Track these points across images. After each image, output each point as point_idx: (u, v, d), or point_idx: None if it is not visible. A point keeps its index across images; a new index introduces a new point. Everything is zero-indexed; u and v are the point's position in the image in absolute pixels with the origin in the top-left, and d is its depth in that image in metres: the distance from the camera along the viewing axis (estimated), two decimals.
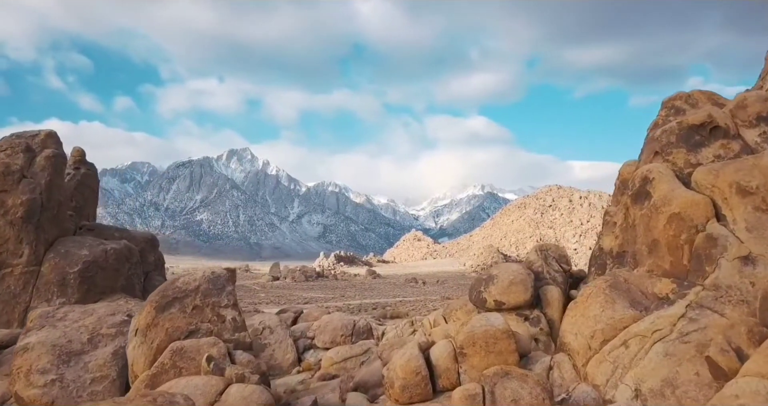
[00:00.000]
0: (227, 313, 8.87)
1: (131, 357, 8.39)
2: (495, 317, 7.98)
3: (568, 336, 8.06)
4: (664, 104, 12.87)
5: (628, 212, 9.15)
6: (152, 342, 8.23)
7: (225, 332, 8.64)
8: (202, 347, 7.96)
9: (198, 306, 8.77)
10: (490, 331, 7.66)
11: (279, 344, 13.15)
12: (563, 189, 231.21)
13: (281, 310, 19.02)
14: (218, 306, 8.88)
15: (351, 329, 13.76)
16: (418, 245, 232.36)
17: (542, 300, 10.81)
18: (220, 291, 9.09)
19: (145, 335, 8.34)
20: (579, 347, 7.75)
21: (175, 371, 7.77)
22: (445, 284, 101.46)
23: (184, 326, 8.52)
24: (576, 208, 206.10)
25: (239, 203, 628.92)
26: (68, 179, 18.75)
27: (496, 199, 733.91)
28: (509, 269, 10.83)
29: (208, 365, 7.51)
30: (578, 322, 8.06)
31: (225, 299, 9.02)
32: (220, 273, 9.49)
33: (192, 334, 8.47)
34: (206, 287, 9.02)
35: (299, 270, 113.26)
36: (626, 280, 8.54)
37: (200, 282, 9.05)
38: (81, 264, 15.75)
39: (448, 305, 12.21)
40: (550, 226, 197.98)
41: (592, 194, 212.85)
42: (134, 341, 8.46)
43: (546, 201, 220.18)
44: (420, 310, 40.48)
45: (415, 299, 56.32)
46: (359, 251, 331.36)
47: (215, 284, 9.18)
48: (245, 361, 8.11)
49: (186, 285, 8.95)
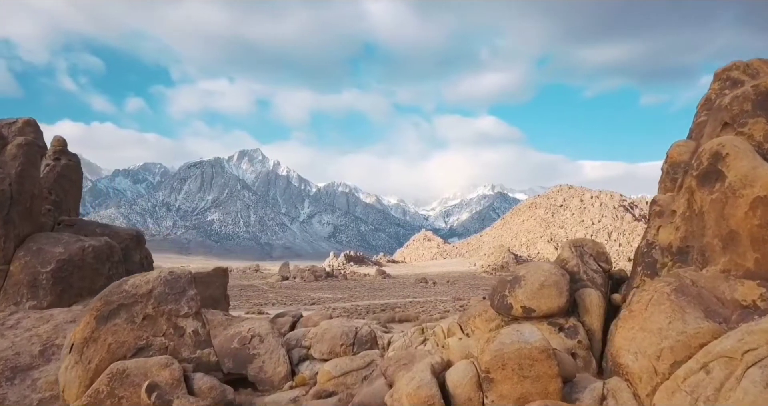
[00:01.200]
0: (187, 324, 7.16)
1: (62, 381, 6.71)
2: (530, 330, 6.19)
3: (624, 356, 6.26)
4: (717, 76, 11.00)
5: (693, 197, 7.35)
6: (89, 362, 6.54)
7: (184, 349, 6.94)
8: (151, 370, 6.26)
9: (150, 315, 7.06)
10: (525, 349, 5.88)
11: (269, 355, 11.43)
12: (574, 189, 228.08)
13: (279, 313, 17.31)
14: (176, 315, 7.17)
15: (352, 338, 11.99)
16: (428, 245, 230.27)
17: (579, 306, 8.99)
18: (179, 296, 7.35)
19: (81, 353, 6.65)
20: (641, 371, 5.95)
21: (113, 401, 6.08)
22: (455, 284, 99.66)
23: (132, 341, 6.82)
24: (587, 207, 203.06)
25: (250, 203, 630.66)
26: (47, 171, 17.21)
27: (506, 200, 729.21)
28: (539, 268, 9.02)
29: (148, 397, 5.84)
30: (637, 337, 6.26)
31: (185, 306, 7.29)
32: (181, 274, 7.75)
33: (141, 351, 6.78)
34: (162, 291, 7.28)
35: (309, 270, 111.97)
36: (694, 282, 6.72)
37: (154, 285, 7.31)
38: (55, 263, 14.16)
39: (464, 312, 10.41)
40: (561, 226, 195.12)
41: (603, 194, 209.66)
42: (68, 360, 6.77)
43: (557, 201, 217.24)
44: (430, 312, 38.75)
45: (425, 300, 54.37)
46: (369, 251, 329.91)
47: (173, 287, 7.44)
48: (206, 387, 6.41)
49: (136, 289, 7.22)
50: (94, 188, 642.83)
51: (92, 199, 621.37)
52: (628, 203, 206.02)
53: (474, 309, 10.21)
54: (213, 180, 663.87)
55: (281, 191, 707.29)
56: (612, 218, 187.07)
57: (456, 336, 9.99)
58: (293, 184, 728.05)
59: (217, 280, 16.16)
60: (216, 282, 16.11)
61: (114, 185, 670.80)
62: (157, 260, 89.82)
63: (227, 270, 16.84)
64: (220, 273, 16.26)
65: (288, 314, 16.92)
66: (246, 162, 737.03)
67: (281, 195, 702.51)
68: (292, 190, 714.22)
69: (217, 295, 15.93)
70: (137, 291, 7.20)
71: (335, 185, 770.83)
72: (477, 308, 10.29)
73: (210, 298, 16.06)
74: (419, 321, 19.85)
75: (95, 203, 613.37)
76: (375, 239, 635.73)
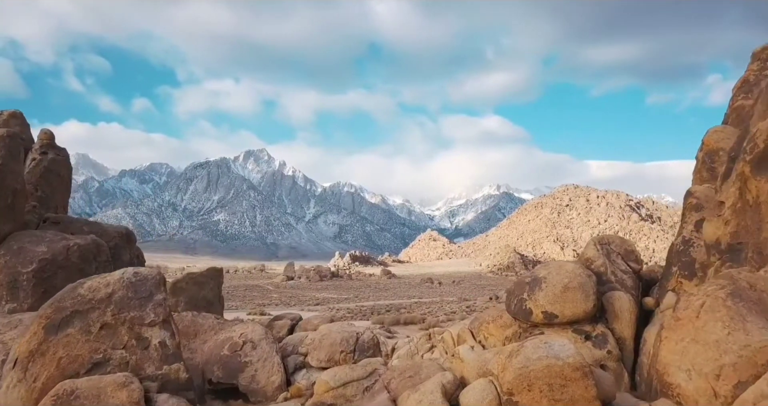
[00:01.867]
0: (153, 334, 6.14)
1: (3, 403, 5.75)
2: (560, 343, 5.18)
3: (674, 374, 5.25)
4: (755, 56, 9.96)
5: (746, 185, 6.33)
6: (35, 380, 5.53)
7: (148, 364, 5.94)
8: (105, 390, 5.26)
9: (109, 324, 6.05)
10: (556, 367, 4.88)
11: (263, 363, 10.47)
12: (580, 188, 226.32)
13: (276, 316, 16.35)
14: (140, 324, 6.15)
15: (353, 344, 10.99)
16: (433, 245, 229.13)
17: (607, 311, 7.96)
18: (144, 301, 6.33)
19: (25, 369, 5.66)
20: (696, 393, 4.94)
21: None
22: (461, 284, 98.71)
23: (87, 355, 5.83)
24: (593, 207, 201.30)
25: (256, 203, 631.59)
26: (33, 165, 16.33)
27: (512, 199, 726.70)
28: (562, 269, 8.00)
29: None
30: (689, 351, 5.24)
31: (151, 313, 6.26)
32: (148, 275, 6.69)
33: (97, 367, 5.79)
34: (124, 296, 6.27)
35: (314, 270, 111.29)
36: (752, 285, 5.69)
37: (115, 288, 6.28)
38: (36, 263, 13.27)
39: (476, 317, 9.41)
40: (567, 225, 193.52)
41: (609, 194, 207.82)
42: (10, 377, 5.75)
43: (563, 201, 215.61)
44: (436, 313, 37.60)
45: (430, 301, 53.43)
46: (375, 251, 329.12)
47: (138, 290, 6.41)
48: None
49: (93, 292, 6.19)
50: (101, 188, 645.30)
51: (99, 200, 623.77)
52: (634, 202, 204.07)
53: (487, 314, 9.19)
54: (219, 180, 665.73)
55: (287, 191, 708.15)
56: (618, 217, 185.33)
57: (467, 344, 8.98)
58: (299, 184, 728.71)
59: (211, 280, 15.24)
60: (210, 283, 15.19)
61: (121, 185, 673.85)
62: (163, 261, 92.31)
63: (222, 270, 15.90)
64: (214, 273, 15.34)
65: (286, 316, 15.96)
66: (252, 162, 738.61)
67: (287, 195, 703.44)
68: (298, 191, 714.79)
69: (210, 296, 15.01)
70: (95, 295, 6.19)
71: (341, 185, 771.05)
72: (490, 312, 9.27)
73: (203, 299, 15.13)
74: (425, 324, 18.87)
75: (102, 203, 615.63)
76: (380, 238, 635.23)
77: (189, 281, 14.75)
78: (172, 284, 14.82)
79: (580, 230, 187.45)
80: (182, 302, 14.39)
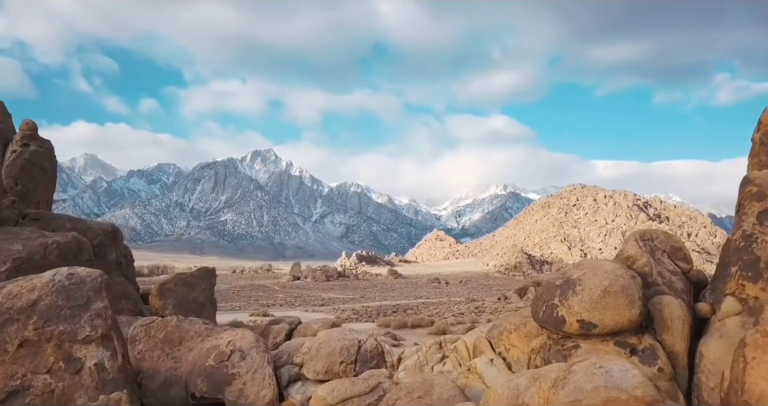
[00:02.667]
0: (88, 354, 4.84)
1: None
2: (620, 368, 3.92)
3: None
4: None
5: None
6: None
7: (80, 393, 4.65)
8: None
9: (30, 341, 4.74)
10: (618, 402, 3.63)
11: (252, 375, 9.27)
12: (587, 188, 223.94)
13: (273, 320, 15.14)
14: (71, 340, 4.85)
15: (354, 354, 9.76)
16: (440, 244, 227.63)
17: (655, 320, 6.70)
18: (78, 311, 5.01)
19: None
20: None
21: None
22: (468, 284, 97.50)
23: (0, 382, 4.63)
24: (601, 207, 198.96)
25: (263, 203, 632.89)
26: (13, 158, 15.25)
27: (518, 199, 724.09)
28: (600, 269, 6.73)
29: None
30: None
31: (87, 326, 4.93)
32: (86, 277, 5.26)
33: (13, 397, 4.52)
34: (52, 304, 4.95)
35: (320, 270, 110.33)
36: None
37: (41, 294, 4.92)
38: (11, 262, 12.13)
39: (495, 325, 8.15)
40: (575, 225, 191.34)
41: (617, 193, 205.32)
42: None
43: (570, 200, 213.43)
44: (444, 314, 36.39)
45: (438, 301, 52.39)
46: (381, 250, 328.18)
47: (71, 297, 5.07)
48: None
49: (13, 299, 4.85)
50: (109, 189, 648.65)
51: (107, 200, 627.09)
52: (642, 202, 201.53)
53: (508, 321, 7.93)
54: (226, 180, 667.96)
55: (294, 191, 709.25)
56: (626, 217, 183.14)
57: (485, 356, 7.73)
58: (306, 184, 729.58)
59: (202, 281, 14.07)
60: (201, 284, 14.03)
61: (129, 186, 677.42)
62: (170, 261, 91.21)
63: (214, 270, 14.74)
64: (205, 274, 14.19)
65: (284, 320, 14.71)
66: (259, 162, 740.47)
67: (294, 195, 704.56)
68: (305, 191, 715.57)
69: (201, 299, 13.86)
70: (14, 304, 4.84)
71: (347, 185, 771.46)
72: (512, 319, 8.01)
73: (194, 302, 14.00)
74: (434, 328, 17.64)
75: (110, 203, 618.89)
76: (387, 238, 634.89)
77: (178, 282, 13.61)
78: (159, 285, 13.67)
79: (588, 229, 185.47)
80: (170, 305, 13.26)
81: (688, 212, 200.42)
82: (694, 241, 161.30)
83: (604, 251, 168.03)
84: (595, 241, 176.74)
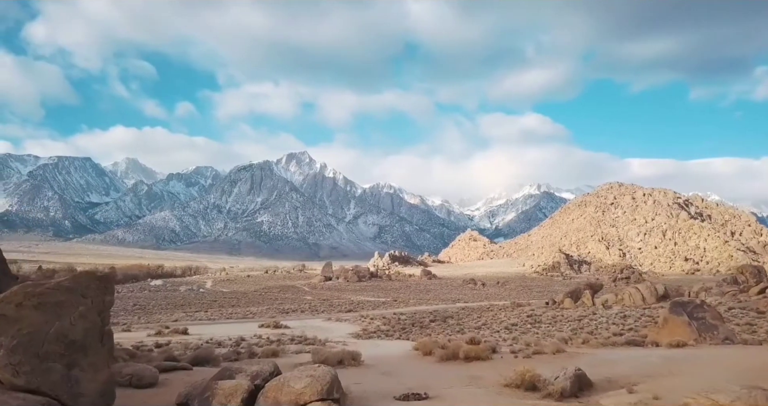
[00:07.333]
0: None
1: None
2: None
3: None
4: None
5: None
6: None
7: None
8: None
9: None
10: None
11: None
12: (625, 186, 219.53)
13: (223, 369, 7.56)
14: None
15: None
16: (473, 244, 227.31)
17: None
18: None
19: None
20: None
21: None
22: (506, 285, 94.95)
23: None
24: (639, 205, 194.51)
25: (298, 204, 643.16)
26: None
27: (552, 199, 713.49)
28: None
29: None
30: None
31: None
32: None
33: None
34: None
35: (352, 270, 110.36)
36: None
37: None
38: None
39: None
40: (612, 224, 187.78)
41: (656, 191, 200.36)
42: None
43: (607, 199, 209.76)
44: (493, 325, 28.35)
45: (478, 305, 48.36)
46: (414, 251, 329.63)
47: None
48: None
49: None
50: (149, 191, 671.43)
51: (148, 202, 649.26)
52: (683, 200, 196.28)
53: None
54: (262, 182, 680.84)
55: (328, 193, 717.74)
56: (666, 216, 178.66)
57: None
58: (339, 185, 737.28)
59: (81, 300, 6.18)
60: (78, 304, 6.11)
61: (168, 188, 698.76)
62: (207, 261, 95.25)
63: (112, 276, 9.06)
64: (89, 284, 6.32)
65: (245, 370, 7.02)
66: (294, 165, 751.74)
67: (328, 197, 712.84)
68: (339, 192, 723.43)
69: (78, 333, 5.93)
70: None
71: (380, 186, 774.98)
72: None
73: (59, 340, 5.74)
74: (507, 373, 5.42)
75: (151, 205, 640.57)
76: (420, 239, 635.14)
77: (26, 300, 5.67)
78: None
79: (626, 228, 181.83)
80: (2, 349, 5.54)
81: (731, 210, 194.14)
82: (738, 239, 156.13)
83: (643, 250, 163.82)
84: (634, 240, 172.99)
